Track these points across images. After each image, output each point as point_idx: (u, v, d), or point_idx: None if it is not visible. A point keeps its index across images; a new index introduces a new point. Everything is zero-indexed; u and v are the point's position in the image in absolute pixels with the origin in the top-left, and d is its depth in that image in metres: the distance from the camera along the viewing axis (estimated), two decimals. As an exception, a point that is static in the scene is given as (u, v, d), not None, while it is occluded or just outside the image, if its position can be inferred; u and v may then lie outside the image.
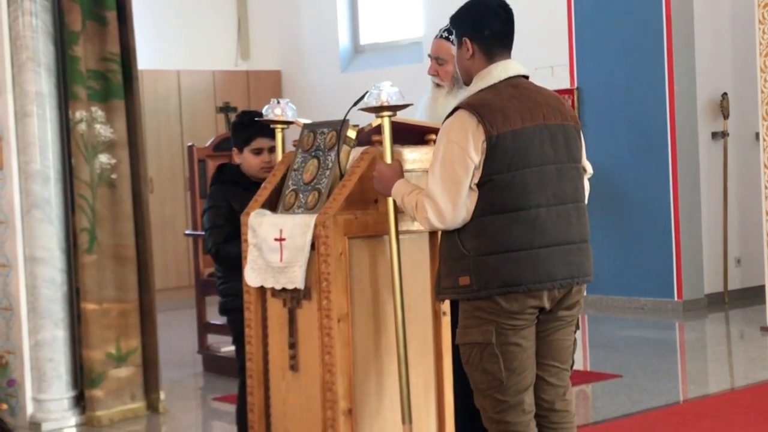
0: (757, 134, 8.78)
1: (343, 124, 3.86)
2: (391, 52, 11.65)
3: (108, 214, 6.15)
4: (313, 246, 3.71)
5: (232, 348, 4.80)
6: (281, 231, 3.81)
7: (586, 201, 3.67)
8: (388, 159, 3.70)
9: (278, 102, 4.21)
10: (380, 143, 3.74)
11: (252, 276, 3.95)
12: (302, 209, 3.85)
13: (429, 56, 4.51)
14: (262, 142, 4.62)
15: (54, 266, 6.07)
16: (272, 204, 4.02)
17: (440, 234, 3.60)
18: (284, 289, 3.84)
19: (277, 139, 4.28)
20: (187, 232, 8.67)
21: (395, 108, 3.68)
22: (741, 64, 9.57)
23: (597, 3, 9.59)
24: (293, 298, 3.85)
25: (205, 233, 4.62)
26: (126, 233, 6.21)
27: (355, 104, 3.76)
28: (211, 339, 7.81)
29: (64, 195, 6.14)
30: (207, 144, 8.12)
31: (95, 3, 6.15)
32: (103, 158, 6.16)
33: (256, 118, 4.46)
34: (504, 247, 3.42)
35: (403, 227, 3.78)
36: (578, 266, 3.54)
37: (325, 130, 3.95)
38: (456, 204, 3.42)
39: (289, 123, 4.21)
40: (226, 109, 10.75)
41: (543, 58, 9.54)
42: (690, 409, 6.11)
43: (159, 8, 11.78)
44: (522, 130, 3.45)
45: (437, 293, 3.62)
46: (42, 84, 6.04)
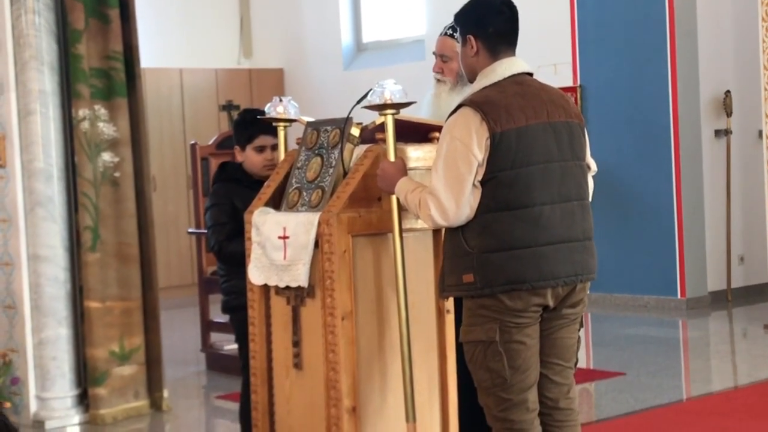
0: (760, 132, 8.77)
1: (347, 122, 3.86)
2: (394, 50, 11.65)
3: (111, 213, 6.15)
4: (317, 244, 3.71)
5: (235, 346, 4.81)
6: (285, 229, 3.81)
7: (591, 199, 3.66)
8: (392, 157, 3.70)
9: (281, 100, 4.20)
10: (384, 141, 3.74)
11: (256, 274, 3.94)
12: (306, 207, 3.85)
13: (433, 53, 4.51)
14: (265, 140, 4.62)
15: (57, 264, 6.08)
16: (276, 202, 4.02)
17: (444, 231, 3.60)
18: (288, 287, 3.84)
19: (280, 137, 4.27)
20: (190, 231, 8.67)
21: (399, 106, 3.68)
22: (744, 62, 9.56)
23: (600, 1, 9.58)
24: (297, 296, 3.84)
25: (208, 231, 4.62)
26: (129, 231, 6.21)
27: (359, 102, 3.76)
28: (215, 337, 7.81)
29: (68, 193, 6.15)
30: (210, 142, 8.13)
31: (98, 1, 6.14)
32: (106, 156, 6.16)
33: (259, 116, 4.46)
34: (508, 245, 3.41)
35: (407, 225, 3.77)
36: (582, 264, 3.53)
37: (329, 128, 3.94)
38: (459, 201, 3.41)
39: (292, 121, 4.20)
40: (229, 108, 10.76)
41: (546, 56, 9.53)
42: (693, 407, 6.10)
43: (162, 6, 11.79)
44: (526, 128, 3.44)
45: (441, 291, 3.62)
46: (45, 82, 6.05)
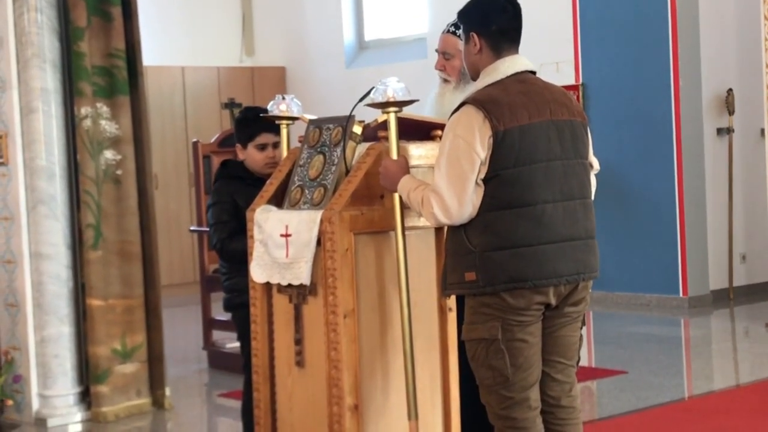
0: (763, 130, 8.76)
1: (349, 120, 3.85)
2: (396, 48, 11.65)
3: (113, 210, 6.15)
4: (319, 242, 3.71)
5: (237, 344, 4.80)
6: (287, 227, 3.81)
7: (593, 197, 3.66)
8: (394, 155, 3.70)
9: (283, 98, 4.21)
10: (386, 139, 3.74)
11: (258, 272, 3.95)
12: (308, 205, 3.85)
13: (436, 51, 4.51)
14: (267, 138, 4.62)
15: (59, 262, 6.08)
16: (278, 200, 4.02)
17: (446, 229, 3.60)
18: (290, 285, 3.84)
19: (282, 135, 4.27)
20: (192, 228, 8.67)
21: (401, 104, 3.68)
22: (746, 60, 9.55)
23: (602, -1, 9.59)
24: (299, 294, 3.84)
25: (210, 229, 4.63)
26: (131, 229, 6.21)
27: (361, 100, 3.76)
28: (217, 335, 7.81)
29: (70, 191, 6.15)
30: (212, 140, 8.13)
31: (100, -1, 6.16)
32: (109, 154, 6.16)
33: (261, 114, 4.46)
34: (510, 243, 3.41)
35: (409, 223, 3.77)
36: (584, 262, 3.53)
37: (331, 126, 3.94)
38: (462, 199, 3.41)
39: (294, 119, 4.20)
40: (231, 106, 10.75)
41: (548, 54, 9.53)
42: (695, 406, 6.10)
43: (164, 4, 11.79)
44: (529, 126, 3.44)
45: (443, 288, 3.62)
46: (47, 80, 6.05)
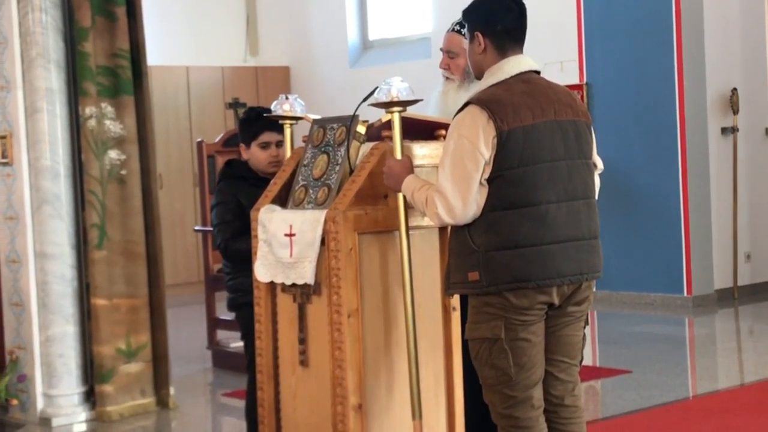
0: (767, 129, 8.77)
1: (353, 120, 3.86)
2: (400, 48, 11.65)
3: (118, 210, 6.16)
4: (323, 241, 3.71)
5: (241, 343, 4.81)
6: (291, 226, 3.81)
7: (597, 197, 3.66)
8: (398, 154, 3.70)
9: (287, 98, 4.21)
10: (390, 138, 3.74)
11: (262, 271, 3.95)
12: (312, 205, 3.85)
13: (441, 50, 4.51)
14: (270, 136, 4.63)
15: (64, 262, 6.09)
16: (282, 199, 4.02)
17: (450, 229, 3.60)
18: (294, 285, 3.85)
19: (286, 135, 4.27)
20: (197, 228, 8.68)
21: (405, 103, 3.68)
22: (751, 59, 9.55)
23: (606, -2, 9.58)
24: (303, 294, 3.85)
25: (214, 229, 4.63)
26: (136, 229, 6.22)
27: (365, 99, 3.76)
28: (221, 334, 7.82)
29: (74, 191, 6.16)
30: (216, 140, 8.14)
31: (105, -1, 6.16)
32: (113, 154, 6.17)
33: (265, 114, 4.47)
34: (513, 243, 3.41)
35: (413, 223, 3.77)
36: (588, 262, 3.53)
37: (335, 126, 3.95)
38: (466, 199, 3.41)
39: (298, 118, 4.20)
40: (235, 105, 10.76)
41: (552, 54, 9.53)
42: (699, 405, 6.10)
43: (168, 4, 11.80)
44: (533, 126, 3.44)
45: (446, 288, 3.62)
46: (52, 80, 6.06)
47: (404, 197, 3.66)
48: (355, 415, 3.69)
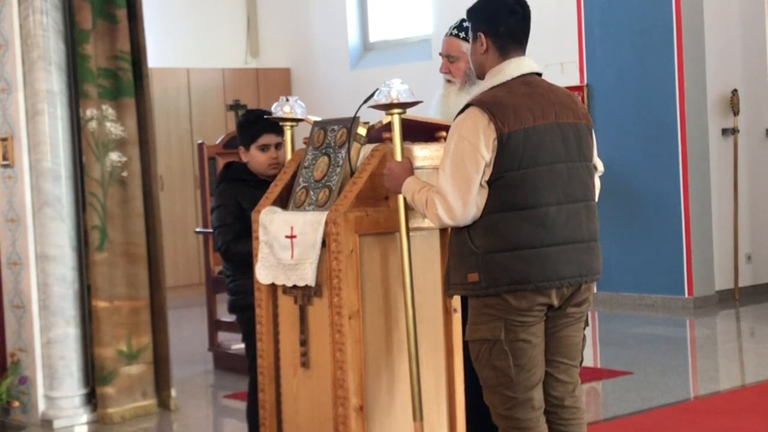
0: (767, 130, 8.78)
1: (354, 122, 3.86)
2: (401, 50, 11.66)
3: (119, 212, 6.16)
4: (324, 243, 3.72)
5: (243, 345, 4.81)
6: (292, 228, 3.82)
7: (597, 199, 3.67)
8: (399, 156, 3.70)
9: (287, 99, 4.21)
10: (390, 140, 3.74)
11: (263, 273, 3.95)
12: (313, 206, 3.86)
13: (440, 54, 4.51)
14: (269, 138, 4.63)
15: (65, 264, 6.09)
16: (283, 201, 4.03)
17: (450, 230, 3.61)
18: (295, 286, 3.85)
19: (286, 137, 4.28)
20: (198, 230, 8.68)
21: (405, 105, 3.68)
22: (751, 61, 9.55)
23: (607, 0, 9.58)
24: (304, 295, 3.85)
25: (215, 232, 4.63)
26: (137, 231, 6.22)
27: (366, 101, 3.76)
28: (222, 336, 7.82)
29: (75, 193, 6.16)
30: (217, 142, 8.15)
31: (106, 1, 6.16)
32: (114, 156, 6.17)
33: (265, 116, 4.47)
34: (513, 245, 3.42)
35: (414, 224, 3.78)
36: (587, 265, 3.53)
37: (336, 128, 3.95)
38: (466, 201, 3.42)
39: (299, 120, 4.21)
40: (236, 107, 10.74)
41: (553, 55, 9.54)
42: (700, 406, 6.10)
43: (169, 6, 11.81)
44: (533, 129, 3.45)
45: (446, 288, 3.63)
46: (53, 82, 6.06)
47: (405, 199, 3.67)
48: (357, 417, 3.69)
